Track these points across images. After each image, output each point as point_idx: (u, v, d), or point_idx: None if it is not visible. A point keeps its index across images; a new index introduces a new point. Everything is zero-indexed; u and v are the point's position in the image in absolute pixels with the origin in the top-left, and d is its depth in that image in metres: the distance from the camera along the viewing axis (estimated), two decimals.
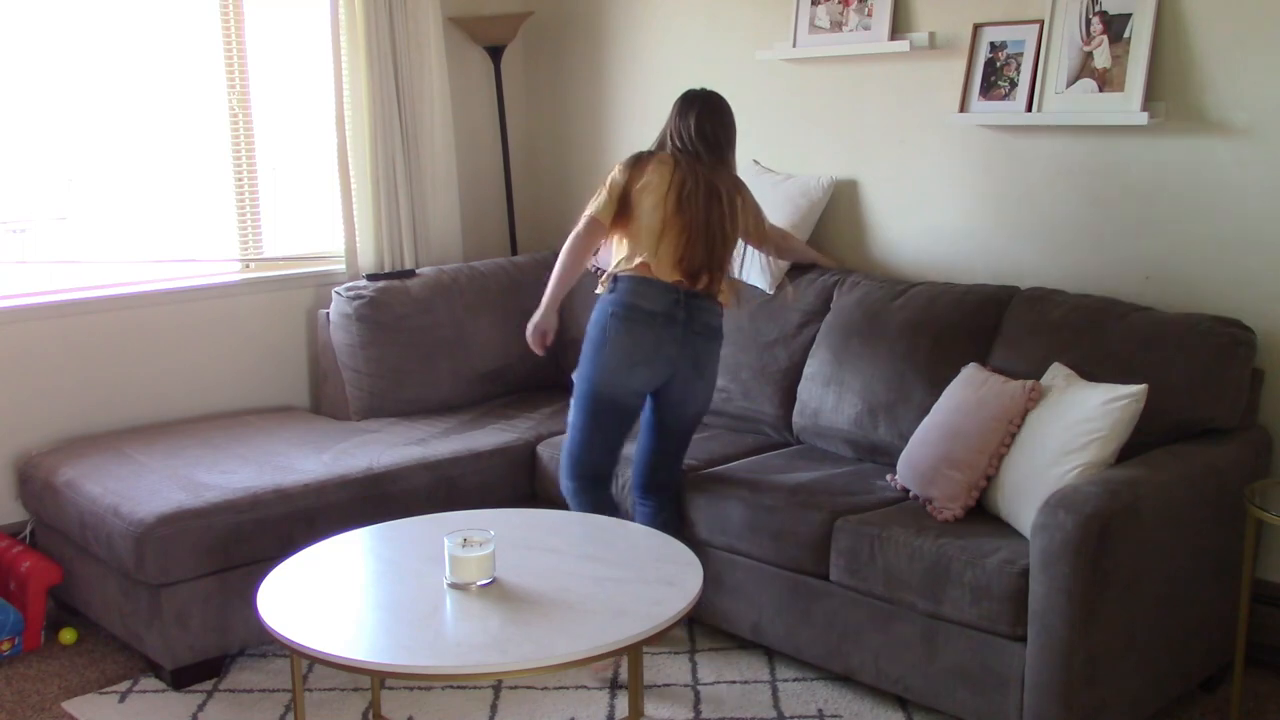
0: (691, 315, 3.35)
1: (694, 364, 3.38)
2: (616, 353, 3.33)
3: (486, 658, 2.43)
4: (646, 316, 3.31)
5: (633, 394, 3.39)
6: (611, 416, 3.41)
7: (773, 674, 3.41)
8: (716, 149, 3.45)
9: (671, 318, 3.33)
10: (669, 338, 3.33)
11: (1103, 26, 3.47)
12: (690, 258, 3.35)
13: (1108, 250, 3.60)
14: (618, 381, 3.35)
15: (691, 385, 3.41)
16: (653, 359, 3.33)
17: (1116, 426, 2.96)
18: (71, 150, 4.18)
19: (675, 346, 3.34)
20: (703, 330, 3.38)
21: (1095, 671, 2.77)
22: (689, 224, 3.34)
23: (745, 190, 3.53)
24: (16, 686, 3.43)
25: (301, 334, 4.59)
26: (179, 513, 3.31)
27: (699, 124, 3.45)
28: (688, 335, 3.35)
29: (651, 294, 3.32)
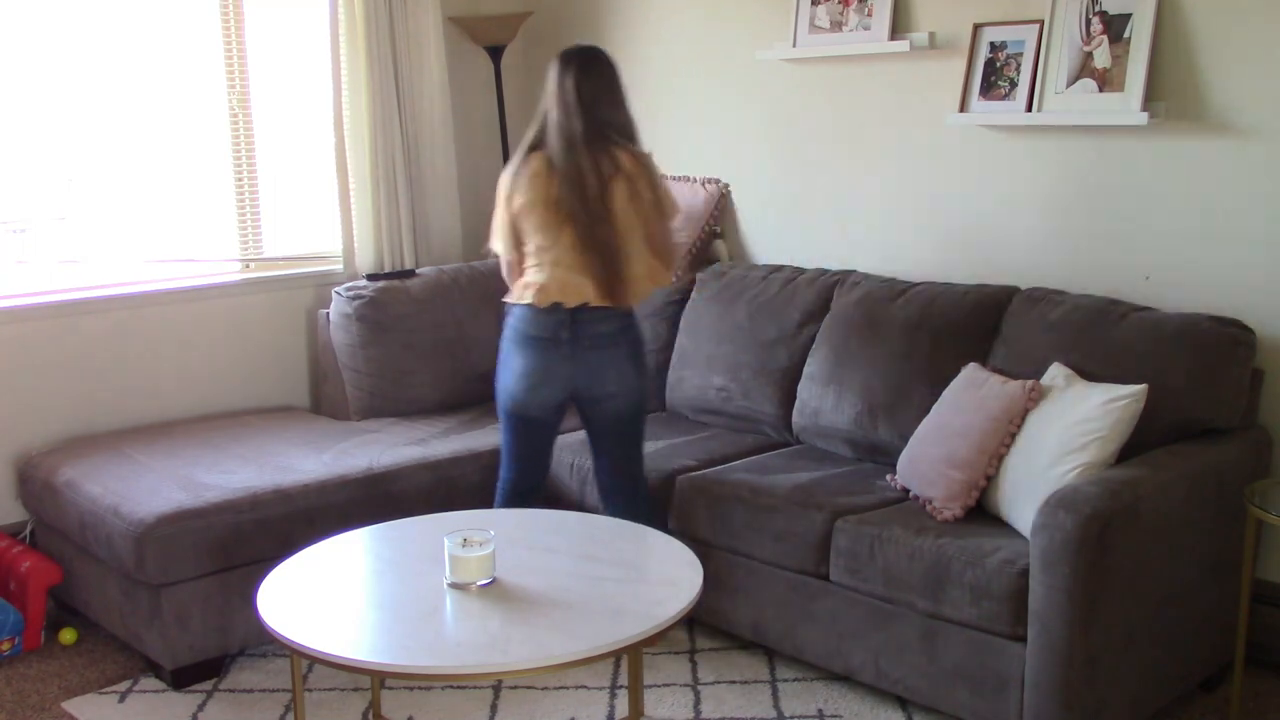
0: (577, 334, 3.32)
1: (590, 375, 3.35)
2: (511, 375, 3.39)
3: (486, 658, 2.43)
4: (532, 341, 3.34)
5: (537, 409, 3.40)
6: (523, 430, 3.45)
7: (773, 674, 3.41)
8: (594, 116, 3.29)
9: (556, 339, 3.32)
10: (557, 359, 3.33)
11: (1103, 26, 3.48)
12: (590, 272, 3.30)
13: (1108, 250, 3.60)
14: (517, 400, 3.40)
15: (600, 391, 3.38)
16: (543, 381, 3.35)
17: (1116, 426, 2.96)
18: (71, 150, 4.18)
19: (565, 364, 3.34)
20: (593, 343, 3.33)
21: (1095, 671, 2.77)
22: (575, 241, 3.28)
23: (640, 171, 3.32)
24: (16, 686, 3.43)
25: (301, 334, 4.59)
26: (179, 513, 3.31)
27: (577, 88, 3.29)
28: (576, 351, 3.33)
29: (538, 321, 3.32)
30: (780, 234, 4.39)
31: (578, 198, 3.26)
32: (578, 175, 3.26)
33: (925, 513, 3.20)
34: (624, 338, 3.39)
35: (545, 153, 3.33)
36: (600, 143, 3.29)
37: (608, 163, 3.28)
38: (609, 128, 3.32)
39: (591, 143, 3.28)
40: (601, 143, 3.29)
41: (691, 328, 4.22)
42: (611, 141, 3.32)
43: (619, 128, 3.35)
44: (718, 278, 4.25)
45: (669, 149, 4.69)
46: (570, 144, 3.28)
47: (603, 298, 3.31)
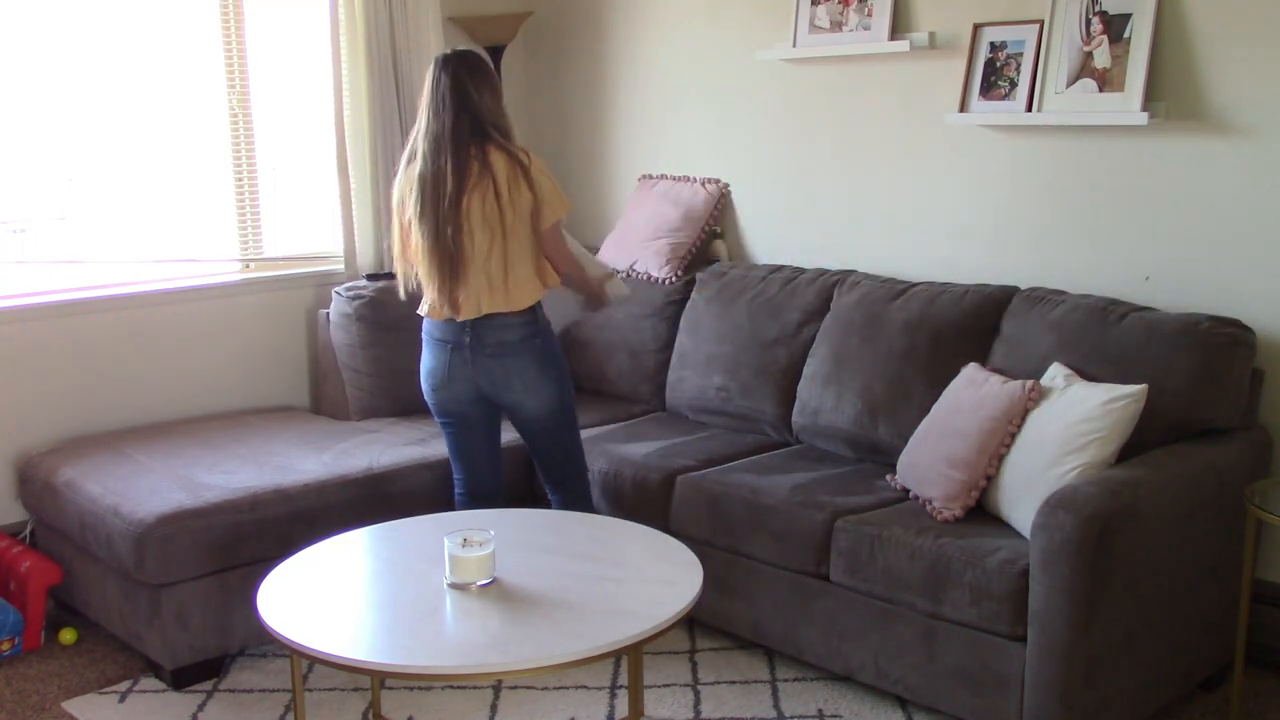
0: (478, 339, 3.31)
1: (494, 382, 3.36)
2: (421, 374, 3.48)
3: (486, 658, 2.43)
4: (438, 344, 3.40)
5: (455, 403, 3.42)
6: (451, 428, 3.49)
7: (773, 674, 3.41)
8: (466, 114, 3.20)
9: (459, 344, 3.35)
10: (459, 361, 3.36)
11: (1103, 26, 3.47)
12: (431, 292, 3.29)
13: (1108, 250, 3.60)
14: (430, 398, 3.47)
15: (508, 399, 3.39)
16: (448, 382, 3.40)
17: (1116, 426, 2.96)
18: (71, 150, 4.18)
19: (466, 368, 3.36)
20: (494, 350, 3.32)
21: (1095, 671, 2.77)
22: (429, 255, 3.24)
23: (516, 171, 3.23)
24: (16, 686, 3.43)
25: (301, 334, 4.59)
26: (179, 513, 3.31)
27: (452, 87, 3.21)
28: (477, 358, 3.33)
29: (440, 327, 3.38)
30: (780, 234, 4.39)
31: (432, 202, 3.20)
32: (437, 179, 3.20)
33: (925, 513, 3.20)
34: (528, 345, 3.34)
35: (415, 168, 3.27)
36: (470, 143, 3.21)
37: (476, 164, 3.21)
38: (484, 126, 3.24)
39: (459, 143, 3.20)
40: (473, 143, 3.21)
41: (691, 328, 4.22)
42: (487, 140, 3.23)
43: (497, 127, 3.26)
44: (718, 278, 4.25)
45: (669, 149, 4.70)
46: (437, 146, 3.21)
47: (446, 307, 3.28)
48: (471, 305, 3.28)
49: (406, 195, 3.28)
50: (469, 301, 3.28)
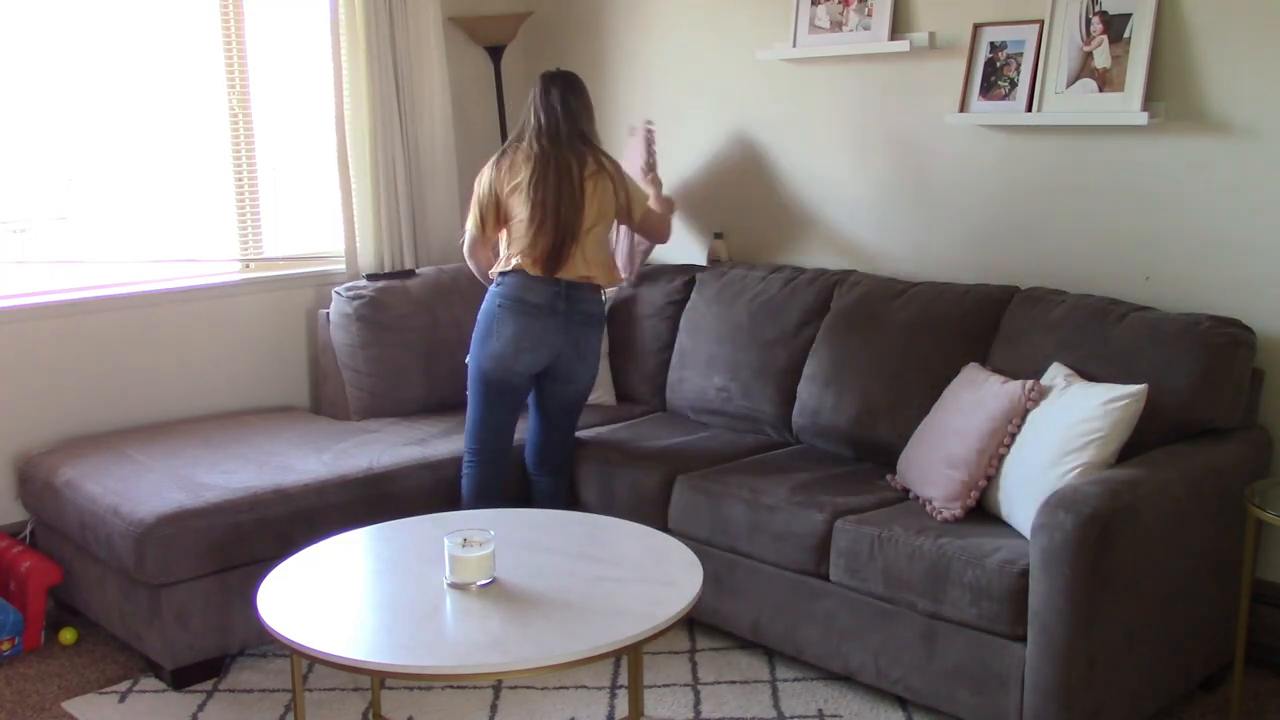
0: (572, 305, 3.63)
1: (575, 349, 3.66)
2: (503, 341, 3.61)
3: (486, 658, 2.43)
4: (531, 308, 3.60)
5: (518, 376, 3.66)
6: (500, 398, 3.68)
7: (773, 674, 3.41)
8: (575, 122, 3.69)
9: (554, 309, 3.60)
10: (553, 326, 3.61)
11: (1103, 26, 3.48)
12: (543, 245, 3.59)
13: (1108, 250, 3.60)
14: (504, 366, 3.63)
15: (574, 368, 3.69)
16: (537, 346, 3.61)
17: (1116, 426, 2.96)
18: (71, 150, 4.18)
19: (558, 334, 3.62)
20: (584, 318, 3.66)
21: (1095, 671, 2.77)
22: (543, 215, 3.60)
23: (610, 169, 3.72)
24: (16, 686, 3.43)
25: (301, 334, 4.59)
26: (179, 513, 3.31)
27: (563, 100, 3.68)
28: (569, 324, 3.63)
29: (535, 288, 3.60)
30: (780, 233, 4.39)
31: (556, 175, 3.61)
32: (564, 165, 3.63)
33: (925, 513, 3.20)
34: (602, 321, 3.76)
35: (529, 148, 3.66)
36: (581, 145, 3.69)
37: (590, 161, 3.68)
38: (588, 136, 3.73)
39: (573, 143, 3.67)
40: (582, 145, 3.69)
41: (692, 328, 4.22)
42: (591, 146, 3.72)
43: (595, 139, 3.77)
44: (718, 278, 4.25)
45: (668, 149, 4.69)
46: (555, 140, 3.66)
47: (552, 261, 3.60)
48: (576, 266, 3.61)
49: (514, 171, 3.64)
50: (574, 261, 3.61)
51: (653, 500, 3.61)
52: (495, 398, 3.68)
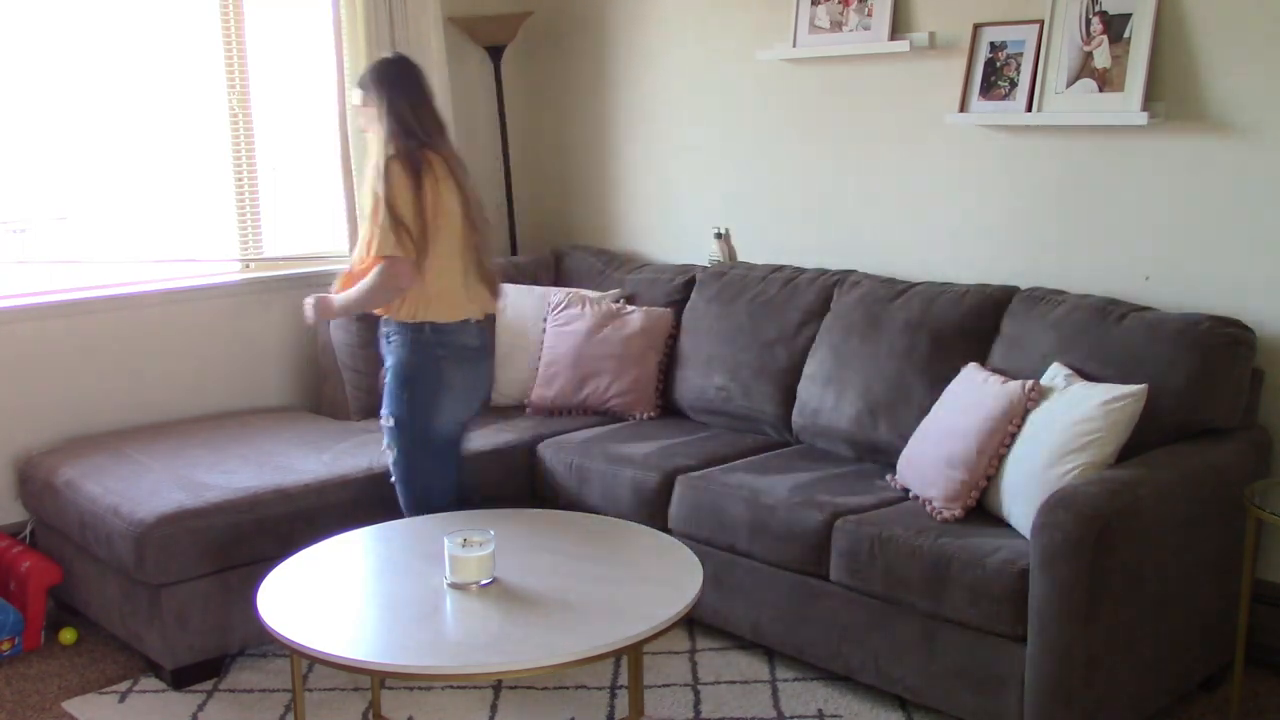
0: (490, 341, 3.44)
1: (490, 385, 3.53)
2: (451, 393, 3.35)
3: (486, 658, 2.43)
4: (474, 353, 3.38)
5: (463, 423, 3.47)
6: (452, 450, 3.46)
7: (773, 674, 3.41)
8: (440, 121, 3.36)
9: (485, 348, 3.42)
10: (485, 367, 3.44)
11: (1103, 26, 3.47)
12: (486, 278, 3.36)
13: (1108, 250, 3.60)
14: (457, 418, 3.41)
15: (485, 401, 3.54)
16: (481, 391, 3.45)
17: (1116, 427, 2.97)
18: (71, 150, 4.18)
19: (489, 373, 3.49)
20: (493, 350, 3.48)
21: (1095, 671, 2.77)
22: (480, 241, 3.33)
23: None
24: (16, 686, 3.43)
25: (301, 334, 4.59)
26: (179, 513, 3.32)
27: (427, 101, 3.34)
28: (490, 360, 3.47)
29: (470, 331, 3.35)
30: (780, 234, 4.39)
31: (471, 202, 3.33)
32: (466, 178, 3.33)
33: (925, 513, 3.20)
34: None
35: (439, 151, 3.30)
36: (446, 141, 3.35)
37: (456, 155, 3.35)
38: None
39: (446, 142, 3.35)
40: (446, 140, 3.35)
41: (691, 328, 4.22)
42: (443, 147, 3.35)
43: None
44: (718, 278, 4.25)
45: (668, 149, 4.70)
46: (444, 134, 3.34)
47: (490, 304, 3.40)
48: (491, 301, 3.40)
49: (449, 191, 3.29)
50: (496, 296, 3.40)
51: (653, 500, 3.61)
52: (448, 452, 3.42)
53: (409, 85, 3.31)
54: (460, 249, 3.29)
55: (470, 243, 3.31)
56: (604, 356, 4.21)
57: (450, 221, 3.26)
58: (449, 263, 3.27)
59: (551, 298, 4.41)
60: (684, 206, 4.67)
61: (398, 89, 3.29)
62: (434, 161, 3.25)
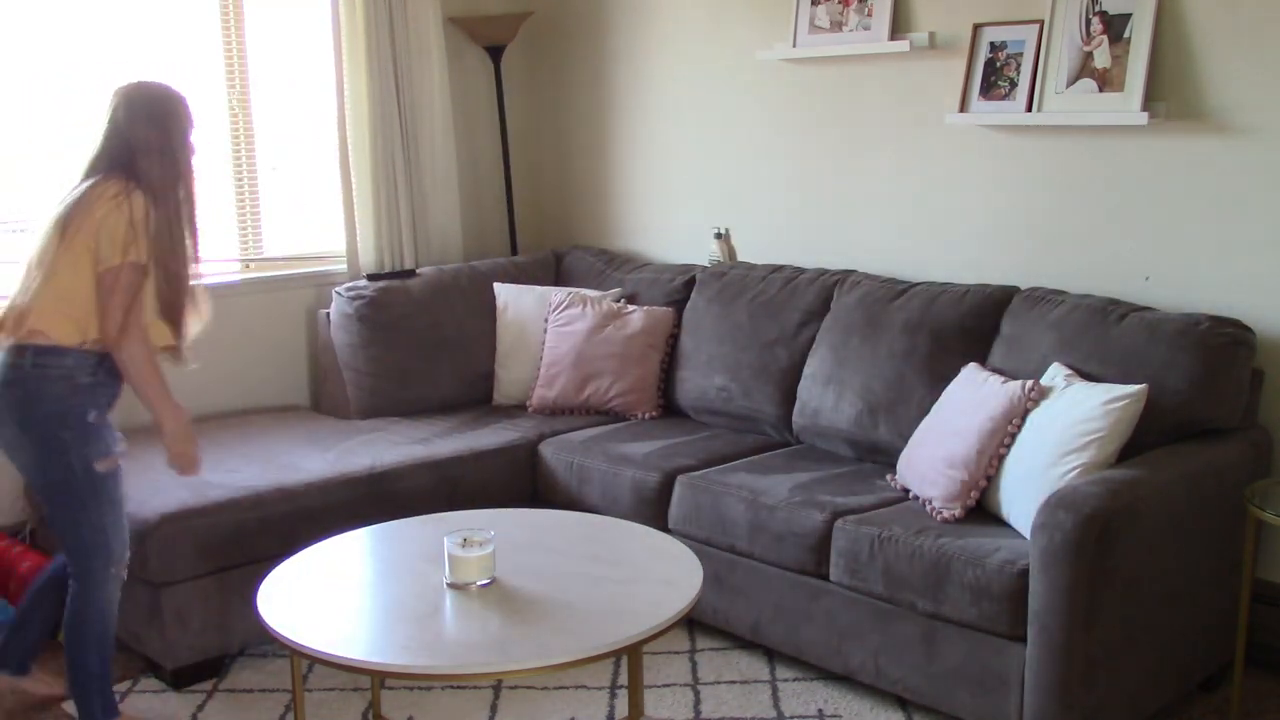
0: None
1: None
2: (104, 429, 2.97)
3: (486, 658, 2.43)
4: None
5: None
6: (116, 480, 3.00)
7: (773, 674, 3.41)
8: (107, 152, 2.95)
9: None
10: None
11: (1103, 26, 3.47)
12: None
13: (1108, 250, 3.60)
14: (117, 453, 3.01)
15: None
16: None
17: (1116, 427, 2.97)
18: (72, 150, 4.17)
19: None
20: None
21: (1095, 671, 2.77)
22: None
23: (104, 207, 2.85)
24: (16, 686, 3.42)
25: (302, 334, 4.59)
26: (182, 511, 3.32)
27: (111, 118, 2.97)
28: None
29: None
30: (780, 234, 4.39)
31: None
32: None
33: (925, 513, 3.20)
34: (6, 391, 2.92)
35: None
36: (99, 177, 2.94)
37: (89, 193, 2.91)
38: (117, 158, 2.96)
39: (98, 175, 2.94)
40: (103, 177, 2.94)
41: (692, 328, 4.22)
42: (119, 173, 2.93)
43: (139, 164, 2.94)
44: (718, 278, 4.26)
45: (668, 149, 4.70)
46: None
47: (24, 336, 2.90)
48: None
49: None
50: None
51: (653, 500, 3.61)
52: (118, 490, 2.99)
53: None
54: None
55: None
56: (605, 356, 4.21)
57: None
58: None
59: (552, 298, 4.41)
60: (684, 206, 4.67)
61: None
62: None
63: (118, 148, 2.93)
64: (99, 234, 2.85)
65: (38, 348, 2.86)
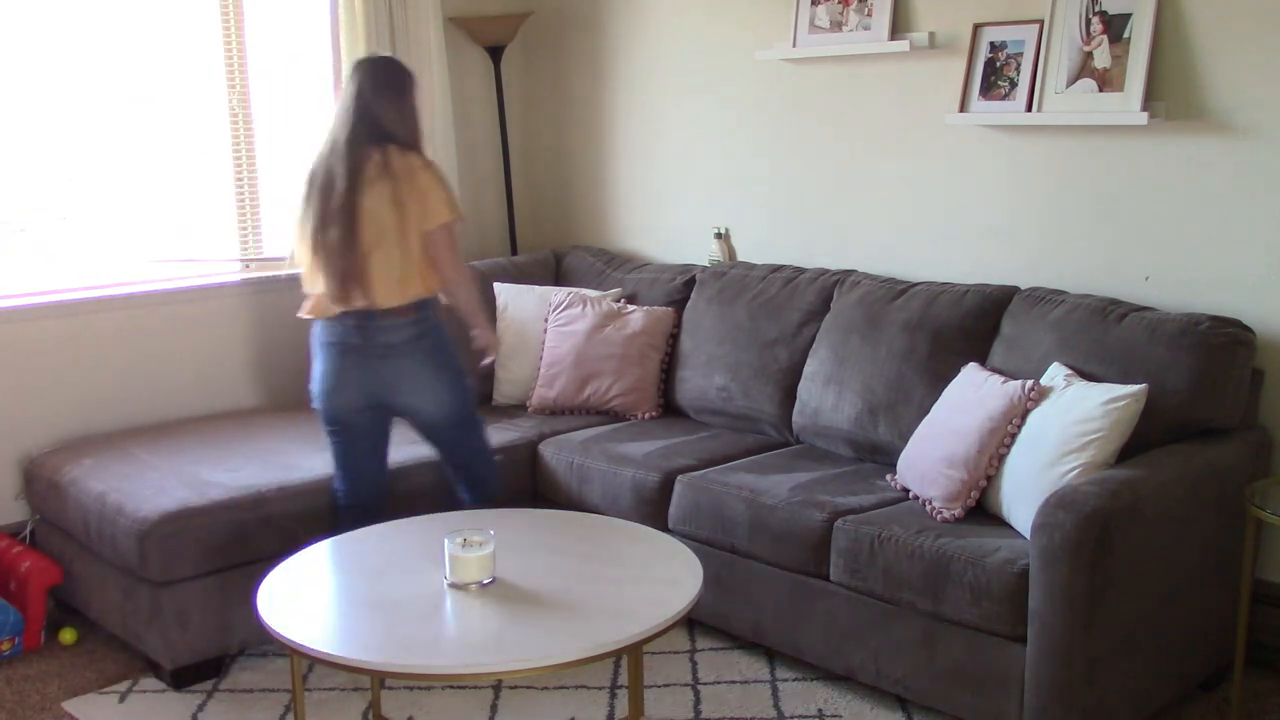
0: (368, 341, 3.29)
1: (386, 385, 3.33)
2: (316, 382, 3.39)
3: (486, 658, 2.43)
4: (326, 348, 3.35)
5: (343, 412, 3.38)
6: (337, 436, 3.43)
7: (773, 674, 3.42)
8: (367, 119, 3.23)
9: (346, 344, 3.31)
10: (350, 365, 3.32)
11: (1103, 26, 3.47)
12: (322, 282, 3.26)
13: (1108, 250, 3.60)
14: (321, 404, 3.40)
15: (403, 400, 3.36)
16: (341, 386, 3.35)
17: (1116, 426, 2.97)
18: (72, 150, 4.18)
19: (356, 370, 3.32)
20: (384, 353, 3.29)
21: (1095, 671, 2.77)
22: (314, 245, 3.25)
23: (396, 170, 3.21)
24: (16, 686, 3.43)
25: (302, 334, 4.58)
26: (183, 510, 3.32)
27: (358, 92, 3.24)
28: (367, 360, 3.30)
29: (327, 328, 3.34)
30: (780, 234, 4.39)
31: (322, 202, 3.23)
32: (328, 179, 3.22)
33: (925, 513, 3.20)
34: (418, 345, 3.32)
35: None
36: (366, 145, 3.21)
37: (372, 165, 3.20)
38: (383, 131, 3.24)
39: (354, 145, 3.21)
40: (369, 145, 3.21)
41: (692, 327, 4.22)
42: (386, 143, 3.23)
43: (397, 134, 3.26)
44: (718, 278, 4.26)
45: (668, 149, 4.70)
46: (333, 148, 3.25)
47: (339, 301, 3.25)
48: (356, 296, 3.24)
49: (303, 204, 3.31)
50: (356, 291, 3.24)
51: (653, 500, 3.61)
52: (334, 436, 3.43)
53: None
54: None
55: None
56: (605, 356, 4.21)
57: None
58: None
59: (552, 298, 4.41)
60: (684, 206, 4.67)
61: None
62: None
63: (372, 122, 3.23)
64: (428, 198, 3.23)
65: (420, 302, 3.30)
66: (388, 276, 3.23)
